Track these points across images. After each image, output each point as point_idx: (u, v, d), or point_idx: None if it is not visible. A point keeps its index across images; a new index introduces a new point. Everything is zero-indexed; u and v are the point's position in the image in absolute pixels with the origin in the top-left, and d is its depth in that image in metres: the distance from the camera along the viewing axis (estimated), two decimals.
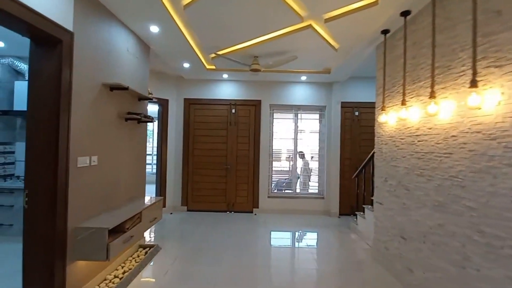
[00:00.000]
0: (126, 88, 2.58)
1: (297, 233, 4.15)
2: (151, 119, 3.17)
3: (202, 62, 4.07)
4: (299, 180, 5.78)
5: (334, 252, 3.46)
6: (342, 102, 5.01)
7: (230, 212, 5.13)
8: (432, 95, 2.04)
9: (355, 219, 4.21)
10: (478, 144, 1.73)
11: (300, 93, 5.14)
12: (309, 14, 2.59)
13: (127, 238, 2.42)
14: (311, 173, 5.61)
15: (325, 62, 4.10)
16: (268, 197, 5.15)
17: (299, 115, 5.27)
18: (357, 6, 2.44)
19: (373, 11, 2.51)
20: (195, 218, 4.72)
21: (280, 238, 4.01)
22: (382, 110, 2.85)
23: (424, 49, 2.29)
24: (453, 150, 1.95)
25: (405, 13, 2.42)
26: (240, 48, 3.51)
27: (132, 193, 3.12)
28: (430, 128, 2.21)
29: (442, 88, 2.05)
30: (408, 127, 2.51)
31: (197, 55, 3.75)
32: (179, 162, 5.12)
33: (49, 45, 1.91)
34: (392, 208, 2.78)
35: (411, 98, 2.45)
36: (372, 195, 3.49)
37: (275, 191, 5.50)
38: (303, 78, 4.86)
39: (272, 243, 3.78)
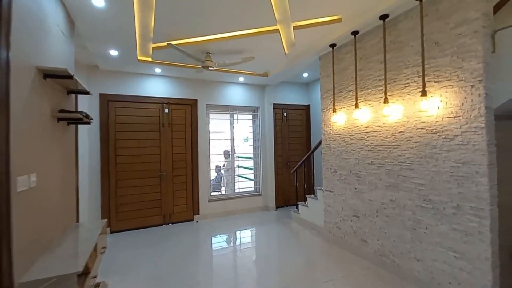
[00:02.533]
0: (70, 77, 1.88)
1: (244, 232, 4.21)
2: (90, 120, 2.41)
3: (137, 51, 3.44)
4: (222, 180, 5.83)
5: (285, 240, 3.74)
6: (273, 104, 5.43)
7: (168, 224, 4.57)
8: (385, 101, 2.61)
9: (296, 209, 4.68)
10: (423, 137, 2.38)
11: (236, 94, 5.19)
12: (282, 18, 2.72)
13: (93, 280, 1.79)
14: (225, 174, 5.76)
15: (268, 66, 4.34)
16: (209, 201, 4.93)
17: (234, 115, 5.31)
18: (323, 20, 2.77)
19: (329, 27, 2.92)
20: (124, 240, 3.90)
21: (227, 241, 3.95)
22: (333, 112, 3.34)
23: (371, 63, 2.88)
24: (401, 142, 2.58)
25: (355, 33, 2.95)
26: (194, 42, 3.21)
27: (66, 218, 2.29)
28: (379, 126, 2.81)
29: (390, 95, 2.66)
30: (357, 126, 3.08)
31: (136, 42, 3.15)
32: (96, 174, 4.09)
33: None
34: (343, 194, 3.32)
35: (360, 102, 3.02)
36: (312, 187, 4.01)
37: (213, 194, 5.31)
38: (241, 79, 4.94)
39: (221, 247, 3.68)
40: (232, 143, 5.26)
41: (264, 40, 3.20)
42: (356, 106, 2.97)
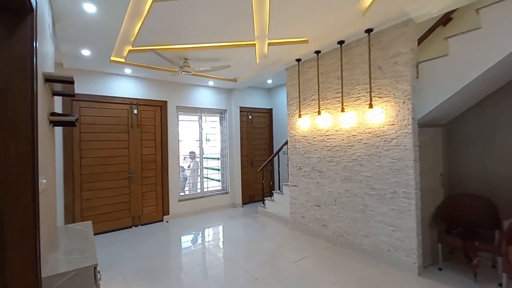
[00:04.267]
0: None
1: (215, 228, 4.50)
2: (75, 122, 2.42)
3: (112, 52, 3.44)
4: (187, 181, 5.98)
5: (255, 231, 4.17)
6: (240, 107, 5.79)
7: (137, 226, 4.54)
8: (342, 110, 3.23)
9: (262, 204, 5.13)
10: (370, 140, 3.05)
11: (205, 97, 5.39)
12: (260, 36, 3.11)
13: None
14: (190, 174, 5.96)
15: (239, 73, 4.69)
16: (179, 201, 5.04)
17: (203, 117, 5.50)
18: (293, 40, 3.26)
19: (297, 45, 3.43)
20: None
21: (200, 237, 4.20)
22: (298, 117, 3.88)
23: (330, 78, 3.49)
24: (354, 144, 3.23)
25: (317, 52, 3.53)
26: (174, 48, 3.38)
27: (54, 219, 2.29)
28: (337, 130, 3.43)
29: (345, 105, 3.29)
30: (319, 129, 3.67)
31: (115, 43, 3.18)
32: (59, 177, 3.88)
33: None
34: (307, 187, 3.89)
35: (322, 110, 3.61)
36: (277, 183, 4.52)
37: (182, 193, 5.41)
38: (210, 83, 5.17)
39: (194, 243, 3.93)
40: (200, 144, 5.44)
41: (239, 50, 3.55)
42: (319, 113, 3.55)
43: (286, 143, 4.42)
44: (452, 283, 2.51)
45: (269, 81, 5.65)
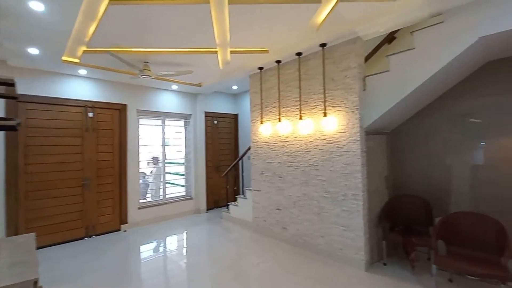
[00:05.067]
0: (12, 85, 1.83)
1: (177, 235, 4.42)
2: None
3: (64, 52, 3.25)
4: (149, 187, 5.79)
5: (217, 237, 4.18)
6: (205, 112, 5.77)
7: (91, 237, 4.26)
8: (300, 117, 3.42)
9: (227, 209, 5.14)
10: (325, 146, 3.27)
11: (169, 101, 5.29)
12: (222, 44, 3.18)
13: None
14: (153, 181, 5.79)
15: (203, 78, 4.70)
16: (139, 208, 4.84)
17: (166, 121, 5.38)
18: (254, 50, 3.38)
19: (259, 54, 3.57)
20: (42, 258, 3.51)
21: (160, 245, 4.10)
22: (260, 123, 4.00)
23: (290, 87, 3.67)
24: (311, 150, 3.42)
25: (278, 61, 3.69)
26: (134, 51, 3.30)
27: None
28: (296, 137, 3.61)
29: (303, 113, 3.48)
30: (280, 136, 3.82)
31: (68, 43, 3.01)
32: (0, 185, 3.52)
33: None
34: (269, 191, 4.01)
35: (282, 117, 3.77)
36: (241, 188, 4.60)
37: (143, 201, 5.21)
38: (174, 87, 5.10)
39: (154, 252, 3.84)
40: (163, 149, 5.31)
41: (202, 56, 3.57)
42: (279, 120, 3.71)
43: (249, 148, 4.52)
44: (394, 276, 2.78)
45: (235, 87, 5.73)
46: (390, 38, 3.65)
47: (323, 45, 3.12)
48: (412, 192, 3.38)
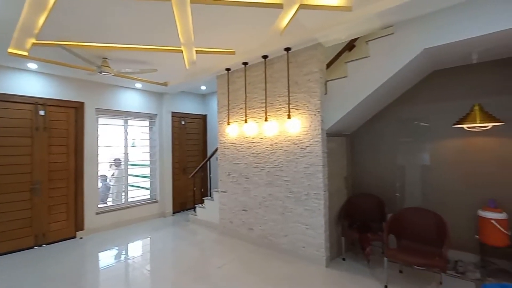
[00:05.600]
0: None
1: (139, 240, 4.23)
2: None
3: (10, 43, 2.95)
4: (110, 190, 5.47)
5: (182, 240, 4.08)
6: (172, 112, 5.61)
7: (41, 246, 3.90)
8: (266, 119, 3.47)
9: (194, 212, 5.03)
10: (289, 147, 3.36)
11: (132, 100, 5.05)
12: (186, 43, 3.12)
13: None
14: (115, 183, 5.50)
15: (168, 77, 4.56)
16: (97, 213, 4.54)
17: (129, 121, 5.13)
18: (221, 51, 3.37)
19: (226, 57, 3.56)
20: None
21: (121, 254, 3.91)
22: (227, 124, 3.99)
23: (256, 89, 3.72)
24: (276, 151, 3.50)
25: (245, 63, 3.72)
26: (91, 46, 3.10)
27: None
28: (262, 138, 3.66)
29: (269, 115, 3.55)
30: (246, 137, 3.85)
31: (14, 34, 2.74)
32: None
33: None
34: (236, 193, 4.01)
35: (249, 118, 3.80)
36: (209, 190, 4.55)
37: (102, 205, 4.89)
38: (138, 85, 4.88)
39: (113, 262, 3.64)
40: (125, 150, 5.05)
41: (167, 55, 3.47)
42: (246, 121, 3.73)
43: (217, 149, 4.48)
44: (352, 270, 2.94)
45: (203, 88, 5.65)
46: (350, 46, 3.87)
47: (287, 49, 3.21)
48: (368, 191, 3.61)
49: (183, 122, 5.91)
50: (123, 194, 5.06)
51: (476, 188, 2.99)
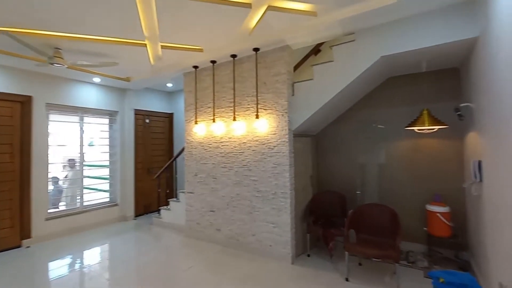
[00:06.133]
0: None
1: (96, 248, 3.94)
2: None
3: None
4: (62, 194, 5.01)
5: (145, 245, 3.89)
6: (135, 109, 5.31)
7: None
8: (234, 119, 3.46)
9: (158, 214, 4.82)
10: (257, 147, 3.38)
11: (89, 95, 4.68)
12: (151, 36, 2.98)
13: None
14: (68, 186, 5.01)
15: (131, 72, 4.31)
16: (47, 219, 4.11)
17: (86, 119, 4.74)
18: (188, 47, 3.28)
19: (194, 54, 3.47)
20: None
21: (75, 263, 3.60)
22: (195, 123, 3.89)
23: (225, 88, 3.68)
24: (244, 150, 3.50)
25: (213, 61, 3.67)
26: (40, 34, 2.80)
27: None
28: (230, 138, 3.64)
29: (237, 115, 3.54)
30: (214, 136, 3.79)
31: None
32: None
33: None
34: (203, 193, 3.93)
35: (217, 118, 3.75)
36: (175, 191, 4.40)
37: (52, 210, 4.43)
38: (96, 80, 4.53)
39: (66, 272, 3.35)
40: (81, 149, 4.65)
41: (130, 48, 3.28)
42: (214, 120, 3.68)
43: (184, 149, 4.35)
44: (316, 265, 3.05)
45: (169, 85, 5.44)
46: (316, 50, 4.03)
47: (256, 49, 3.24)
48: (332, 189, 3.79)
49: (147, 121, 5.63)
50: (78, 197, 4.66)
51: (424, 184, 3.31)
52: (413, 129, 3.14)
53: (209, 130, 3.79)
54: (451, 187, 3.14)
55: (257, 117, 3.26)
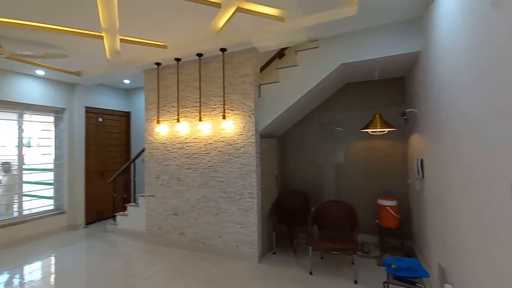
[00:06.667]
0: None
1: (44, 261, 3.51)
2: None
3: None
4: None
5: (100, 255, 3.58)
6: (86, 107, 4.84)
7: None
8: (200, 119, 3.39)
9: (113, 221, 4.46)
10: (223, 148, 3.36)
11: (31, 90, 4.13)
12: (109, 28, 2.76)
13: None
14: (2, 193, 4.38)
15: (83, 66, 3.92)
16: None
17: (26, 116, 4.17)
18: (151, 43, 3.12)
19: (157, 49, 3.32)
20: None
21: (14, 280, 3.16)
22: (157, 123, 3.71)
23: (190, 87, 3.59)
24: (210, 151, 3.45)
25: (178, 59, 3.55)
26: None
27: None
28: (195, 138, 3.55)
29: (203, 115, 3.47)
30: (178, 137, 3.66)
31: None
32: None
33: None
34: (165, 196, 3.76)
35: (181, 117, 3.63)
36: (133, 195, 4.14)
37: None
38: (40, 72, 4.02)
39: None
40: (19, 151, 4.08)
41: (83, 39, 2.99)
42: (178, 120, 3.55)
43: (143, 150, 4.11)
44: (281, 262, 3.15)
45: (127, 81, 5.09)
46: (280, 53, 4.17)
47: (223, 49, 3.22)
48: (296, 188, 3.95)
49: (100, 119, 5.17)
50: (16, 205, 4.07)
51: (376, 181, 3.66)
52: (367, 131, 3.45)
53: (173, 130, 3.65)
54: (399, 183, 3.53)
55: (224, 117, 3.25)
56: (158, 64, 3.70)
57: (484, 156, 1.25)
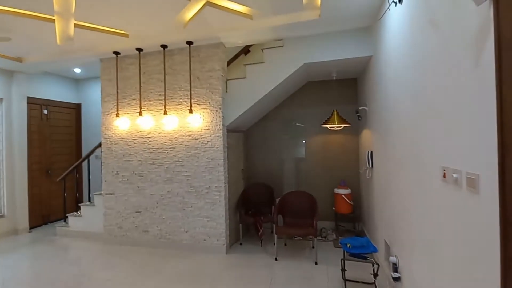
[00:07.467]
0: None
1: None
2: None
3: None
4: None
5: (49, 261, 3.25)
6: (28, 97, 4.30)
7: None
8: (165, 113, 3.30)
9: (64, 223, 4.08)
10: (190, 142, 3.34)
11: None
12: (62, 12, 2.51)
13: None
14: None
15: (26, 51, 3.48)
16: None
17: None
18: (110, 30, 2.93)
19: (115, 38, 3.12)
20: None
21: None
22: (116, 116, 3.50)
23: (153, 80, 3.46)
24: (176, 146, 3.39)
25: (139, 49, 3.38)
26: None
27: None
28: (159, 133, 3.45)
29: (168, 109, 3.39)
30: (141, 131, 3.51)
31: None
32: None
33: None
34: (126, 194, 3.58)
35: (144, 111, 3.48)
36: (87, 194, 3.87)
37: None
38: None
39: None
40: None
41: (27, 21, 2.67)
42: (140, 113, 3.41)
43: (99, 145, 3.84)
44: (248, 252, 3.27)
45: (77, 70, 4.65)
46: (246, 50, 4.25)
47: (189, 42, 3.19)
48: (261, 181, 4.11)
49: (45, 112, 4.64)
50: None
51: (333, 172, 4.01)
52: (326, 127, 3.76)
53: (135, 124, 3.49)
54: (352, 173, 3.93)
55: (190, 111, 3.22)
56: (117, 53, 3.48)
57: (419, 147, 1.52)
